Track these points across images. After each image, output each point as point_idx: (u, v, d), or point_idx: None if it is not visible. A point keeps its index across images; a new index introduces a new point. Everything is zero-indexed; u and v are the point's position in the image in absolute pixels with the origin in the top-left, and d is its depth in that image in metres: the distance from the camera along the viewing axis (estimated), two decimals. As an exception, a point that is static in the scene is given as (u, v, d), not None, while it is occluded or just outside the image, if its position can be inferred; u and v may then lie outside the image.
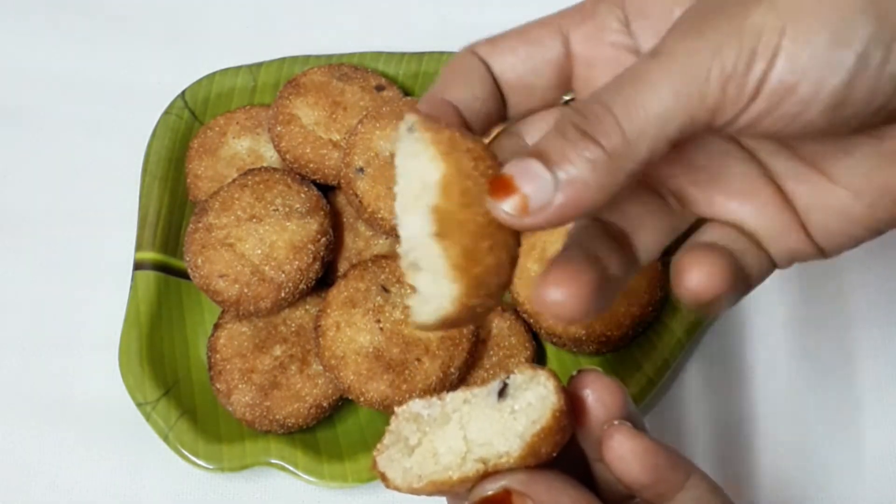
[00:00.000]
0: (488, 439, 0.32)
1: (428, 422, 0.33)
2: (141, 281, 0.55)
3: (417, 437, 0.33)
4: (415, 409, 0.34)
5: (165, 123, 0.61)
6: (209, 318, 0.57)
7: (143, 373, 0.53)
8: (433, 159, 0.28)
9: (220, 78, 0.63)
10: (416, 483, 0.32)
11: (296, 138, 0.57)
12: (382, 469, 0.33)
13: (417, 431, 0.33)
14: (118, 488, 0.54)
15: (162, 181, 0.59)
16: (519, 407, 0.32)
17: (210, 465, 0.51)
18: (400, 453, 0.33)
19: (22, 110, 0.67)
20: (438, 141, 0.29)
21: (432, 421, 0.33)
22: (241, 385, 0.52)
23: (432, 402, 0.33)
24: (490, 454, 0.32)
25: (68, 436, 0.55)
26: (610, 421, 0.33)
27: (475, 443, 0.32)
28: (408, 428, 0.33)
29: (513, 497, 0.32)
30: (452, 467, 0.32)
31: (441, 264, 0.28)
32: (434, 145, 0.28)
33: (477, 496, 0.32)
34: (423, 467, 0.32)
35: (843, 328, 0.57)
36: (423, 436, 0.33)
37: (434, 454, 0.32)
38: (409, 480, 0.32)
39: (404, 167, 0.30)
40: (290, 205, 0.54)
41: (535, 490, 0.32)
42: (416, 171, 0.29)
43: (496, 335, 0.54)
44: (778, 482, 0.54)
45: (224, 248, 0.53)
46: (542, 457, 0.32)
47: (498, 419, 0.32)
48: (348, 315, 0.51)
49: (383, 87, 0.60)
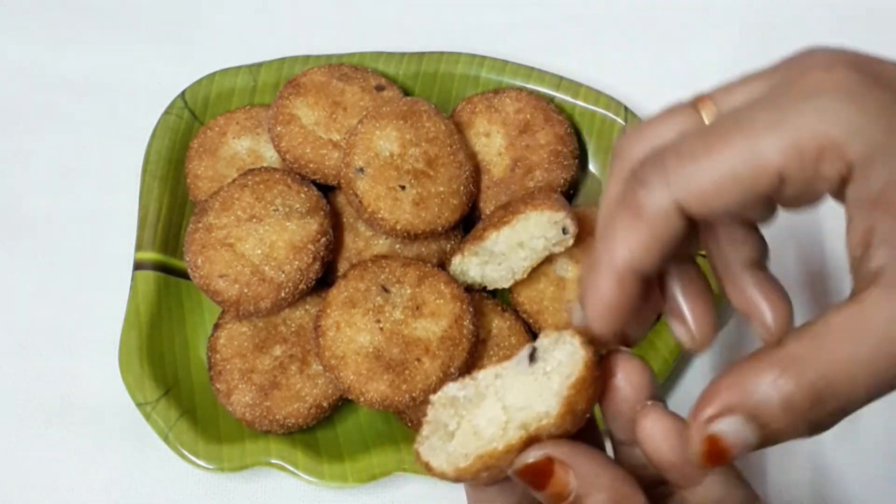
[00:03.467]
0: (526, 403, 0.32)
1: (464, 404, 0.34)
2: (141, 281, 0.55)
3: (456, 421, 0.33)
4: (451, 393, 0.34)
5: (165, 123, 0.61)
6: (209, 318, 0.57)
7: (143, 373, 0.53)
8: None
9: (220, 78, 0.63)
10: (463, 462, 0.32)
11: (296, 138, 0.57)
12: (426, 459, 0.33)
13: (455, 416, 0.34)
14: (118, 488, 0.54)
15: (162, 181, 0.59)
16: (550, 367, 0.33)
17: (210, 465, 0.51)
18: (441, 440, 0.33)
19: (22, 110, 0.67)
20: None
21: (468, 402, 0.34)
22: (241, 385, 0.52)
23: (466, 384, 0.34)
24: (530, 417, 0.32)
25: (68, 436, 0.55)
26: (642, 401, 0.33)
27: (514, 409, 0.32)
28: (446, 414, 0.34)
29: (555, 466, 0.32)
30: (496, 438, 0.32)
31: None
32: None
33: (520, 464, 0.32)
34: (467, 446, 0.33)
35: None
36: (460, 419, 0.33)
37: (475, 432, 0.33)
38: (454, 462, 0.32)
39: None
40: (290, 205, 0.54)
41: (577, 462, 0.32)
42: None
43: (496, 335, 0.54)
44: (778, 482, 0.54)
45: (224, 248, 0.53)
46: (579, 416, 0.32)
47: (532, 382, 0.33)
48: (348, 315, 0.51)
49: (383, 87, 0.60)
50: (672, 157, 0.31)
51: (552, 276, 0.55)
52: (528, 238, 0.52)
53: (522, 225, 0.52)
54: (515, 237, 0.52)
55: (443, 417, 0.34)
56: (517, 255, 0.53)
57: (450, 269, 0.55)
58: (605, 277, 0.32)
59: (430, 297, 0.52)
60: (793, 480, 0.54)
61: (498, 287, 0.55)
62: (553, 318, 0.54)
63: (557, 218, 0.52)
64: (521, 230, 0.52)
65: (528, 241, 0.52)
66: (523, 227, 0.52)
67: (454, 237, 0.57)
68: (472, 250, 0.53)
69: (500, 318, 0.55)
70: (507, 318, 0.55)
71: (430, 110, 0.57)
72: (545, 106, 0.61)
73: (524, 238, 0.52)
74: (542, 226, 0.52)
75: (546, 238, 0.52)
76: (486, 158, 0.59)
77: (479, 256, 0.53)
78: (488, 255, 0.53)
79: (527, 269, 0.54)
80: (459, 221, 0.56)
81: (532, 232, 0.52)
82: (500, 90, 0.61)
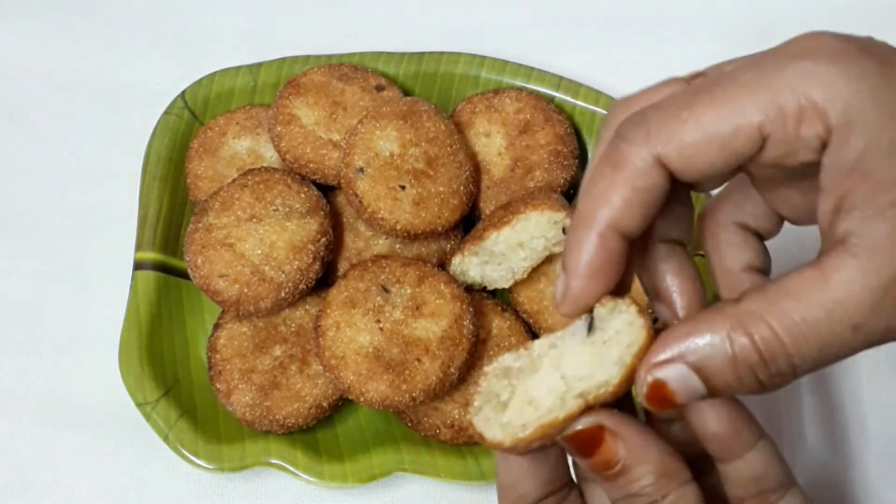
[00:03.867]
0: (588, 372, 0.32)
1: (517, 374, 0.33)
2: (141, 281, 0.55)
3: (508, 392, 0.33)
4: (505, 363, 0.34)
5: (165, 123, 0.61)
6: (209, 318, 0.57)
7: (143, 373, 0.53)
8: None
9: (220, 78, 0.63)
10: (522, 433, 0.32)
11: (296, 138, 0.57)
12: (480, 429, 0.33)
13: (508, 386, 0.33)
14: (118, 488, 0.54)
15: (162, 181, 0.59)
16: (608, 336, 0.32)
17: (210, 465, 0.51)
18: (494, 411, 0.33)
19: (22, 110, 0.67)
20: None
21: (520, 372, 0.33)
22: (241, 385, 0.52)
23: (520, 354, 0.34)
24: (590, 387, 0.32)
25: (68, 436, 0.55)
26: None
27: (574, 379, 0.32)
28: (498, 384, 0.34)
29: (606, 434, 0.32)
30: (555, 408, 0.32)
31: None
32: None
33: (570, 431, 0.32)
34: (523, 416, 0.32)
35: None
36: (513, 389, 0.33)
37: (530, 402, 0.33)
38: (512, 432, 0.32)
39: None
40: (290, 205, 0.54)
41: (627, 433, 0.32)
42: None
43: (496, 335, 0.54)
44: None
45: (224, 248, 0.53)
46: (631, 384, 0.32)
47: (592, 352, 0.33)
48: (348, 315, 0.51)
49: (383, 87, 0.60)
50: (654, 114, 0.31)
51: (552, 275, 0.55)
52: (529, 238, 0.52)
53: (522, 225, 0.52)
54: (515, 237, 0.52)
55: (496, 388, 0.34)
56: (517, 255, 0.53)
57: (450, 269, 0.55)
58: (586, 236, 0.32)
59: (430, 297, 0.52)
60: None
61: (498, 287, 0.55)
62: (554, 318, 0.54)
63: (558, 218, 0.52)
64: (521, 230, 0.52)
65: (529, 241, 0.53)
66: (523, 228, 0.52)
67: (454, 237, 0.57)
68: (472, 250, 0.53)
69: (500, 318, 0.55)
70: (507, 318, 0.55)
71: (430, 110, 0.57)
72: (545, 106, 0.61)
73: (524, 238, 0.52)
74: (543, 226, 0.52)
75: (546, 238, 0.52)
76: (486, 158, 0.59)
77: (479, 256, 0.53)
78: (488, 255, 0.53)
79: (527, 270, 0.54)
80: (459, 221, 0.56)
81: (532, 232, 0.52)
82: (500, 90, 0.61)
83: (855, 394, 0.56)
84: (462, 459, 0.51)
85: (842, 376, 0.56)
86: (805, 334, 0.29)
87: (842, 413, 0.56)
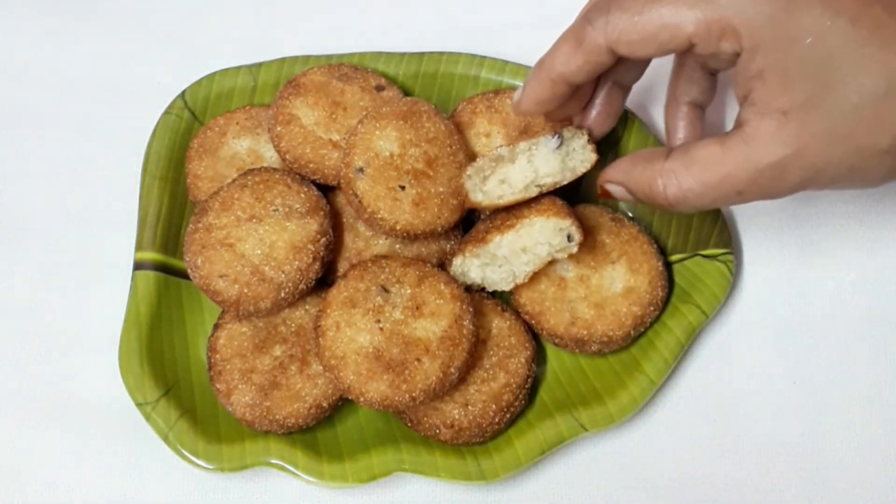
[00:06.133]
0: (551, 172, 0.51)
1: (499, 159, 0.52)
2: (141, 281, 0.55)
3: (491, 169, 0.52)
4: (497, 153, 0.51)
5: (165, 123, 0.61)
6: (209, 318, 0.57)
7: (143, 373, 0.53)
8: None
9: (220, 78, 0.63)
10: (498, 201, 0.52)
11: (296, 138, 0.57)
12: (468, 190, 0.52)
13: (491, 166, 0.52)
14: (118, 488, 0.54)
15: (162, 181, 0.59)
16: (570, 150, 0.52)
17: (210, 465, 0.51)
18: (479, 181, 0.52)
19: (22, 110, 0.67)
20: None
21: (502, 158, 0.52)
22: (241, 385, 0.52)
23: (509, 148, 0.51)
24: (550, 182, 0.52)
25: (68, 436, 0.55)
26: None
27: (543, 175, 0.52)
28: (487, 165, 0.52)
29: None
30: (521, 190, 0.52)
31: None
32: None
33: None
34: (500, 190, 0.52)
35: (842, 328, 0.57)
36: (493, 169, 0.52)
37: (503, 180, 0.52)
38: (492, 197, 0.52)
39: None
40: (290, 205, 0.54)
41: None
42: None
43: (496, 335, 0.54)
44: (778, 482, 0.54)
45: (224, 248, 0.53)
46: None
47: (558, 160, 0.52)
48: (348, 315, 0.51)
49: (383, 87, 0.60)
50: (616, 10, 0.44)
51: (553, 276, 0.55)
52: (533, 244, 0.52)
53: (527, 231, 0.52)
54: (520, 242, 0.52)
55: (485, 168, 0.52)
56: (520, 259, 0.53)
57: (450, 270, 0.55)
58: (542, 79, 0.49)
59: (429, 297, 0.52)
60: (786, 480, 0.54)
61: (498, 289, 0.55)
62: (554, 318, 0.54)
63: (563, 225, 0.52)
64: (525, 236, 0.52)
65: (533, 246, 0.52)
66: (528, 233, 0.52)
67: (454, 237, 0.57)
68: (474, 252, 0.53)
69: (500, 318, 0.55)
70: (507, 318, 0.55)
71: (430, 110, 0.57)
72: (545, 106, 0.60)
73: (528, 244, 0.52)
74: (548, 232, 0.52)
75: (551, 244, 0.52)
76: (487, 158, 0.59)
77: (480, 259, 0.53)
78: (490, 258, 0.53)
79: (528, 274, 0.54)
80: (459, 221, 0.56)
81: (537, 238, 0.52)
82: (500, 90, 0.61)
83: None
84: (462, 459, 0.51)
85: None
86: (702, 193, 0.45)
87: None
